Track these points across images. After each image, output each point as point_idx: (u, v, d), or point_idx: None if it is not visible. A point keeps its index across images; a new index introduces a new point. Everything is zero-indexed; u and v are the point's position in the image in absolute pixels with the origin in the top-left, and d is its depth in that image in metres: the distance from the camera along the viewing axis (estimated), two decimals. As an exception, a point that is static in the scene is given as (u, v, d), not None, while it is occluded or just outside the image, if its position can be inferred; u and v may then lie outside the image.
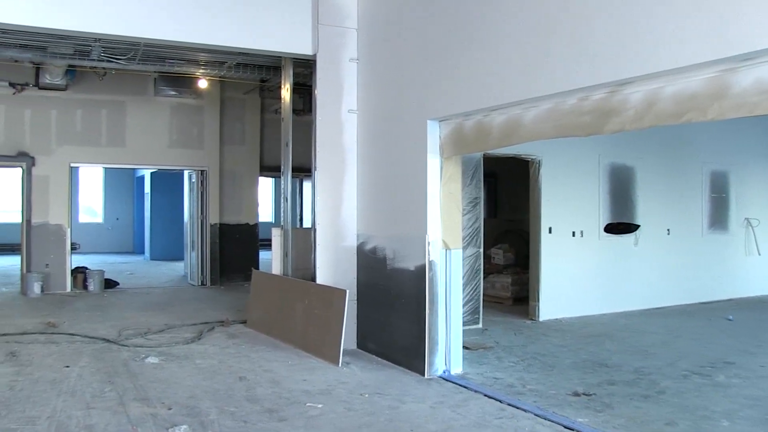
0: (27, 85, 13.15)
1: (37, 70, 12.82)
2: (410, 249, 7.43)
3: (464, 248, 8.55)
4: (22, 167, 13.37)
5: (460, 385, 6.76)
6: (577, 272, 10.69)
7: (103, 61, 10.65)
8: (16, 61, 11.99)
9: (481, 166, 9.76)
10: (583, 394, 6.46)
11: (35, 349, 8.24)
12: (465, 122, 6.86)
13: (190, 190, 15.31)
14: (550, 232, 10.41)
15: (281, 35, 8.72)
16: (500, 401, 6.19)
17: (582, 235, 10.78)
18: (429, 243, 7.13)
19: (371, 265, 8.29)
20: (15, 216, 16.96)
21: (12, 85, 13.10)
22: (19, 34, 9.43)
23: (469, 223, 9.52)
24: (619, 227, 11.32)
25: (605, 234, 11.11)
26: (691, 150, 12.11)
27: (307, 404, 6.12)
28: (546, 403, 6.17)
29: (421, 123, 7.27)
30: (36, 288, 12.83)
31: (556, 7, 5.50)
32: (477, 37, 6.47)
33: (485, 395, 6.39)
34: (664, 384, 6.87)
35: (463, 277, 8.28)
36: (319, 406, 6.08)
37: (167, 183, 19.83)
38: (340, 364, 7.52)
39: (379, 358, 7.94)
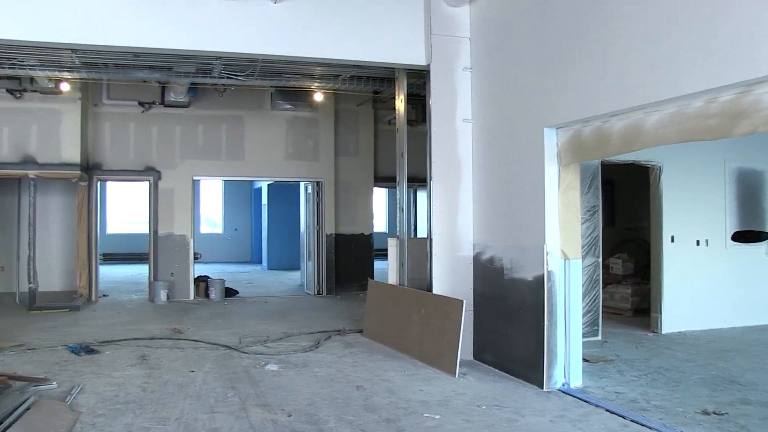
0: (153, 103, 13.88)
1: (163, 89, 13.51)
2: (528, 259, 7.31)
3: (582, 258, 8.33)
4: (149, 181, 14.08)
5: (581, 399, 6.57)
6: (703, 283, 10.20)
7: (223, 78, 11.02)
8: (144, 81, 12.65)
9: (598, 173, 9.51)
10: (714, 413, 6.12)
11: (163, 354, 8.62)
12: (583, 129, 6.69)
13: (306, 201, 15.62)
14: (672, 240, 10.01)
15: (395, 47, 8.81)
16: (623, 417, 5.98)
17: (707, 244, 10.29)
18: (547, 253, 6.99)
19: (488, 275, 8.21)
20: (143, 227, 17.84)
21: (141, 104, 13.86)
22: (148, 56, 9.94)
23: (587, 232, 9.28)
24: (748, 235, 10.73)
25: (733, 242, 10.56)
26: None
27: (425, 415, 6.11)
28: (673, 421, 5.91)
29: (538, 131, 7.15)
30: (162, 295, 13.44)
31: (680, 5, 5.29)
32: (594, 41, 6.30)
33: (607, 410, 6.19)
34: (804, 404, 6.44)
35: (582, 288, 8.07)
36: (437, 417, 6.06)
37: (284, 194, 20.34)
38: (456, 375, 7.47)
39: (496, 370, 7.84)
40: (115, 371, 7.65)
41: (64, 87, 12.30)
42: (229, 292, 14.53)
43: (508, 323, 7.72)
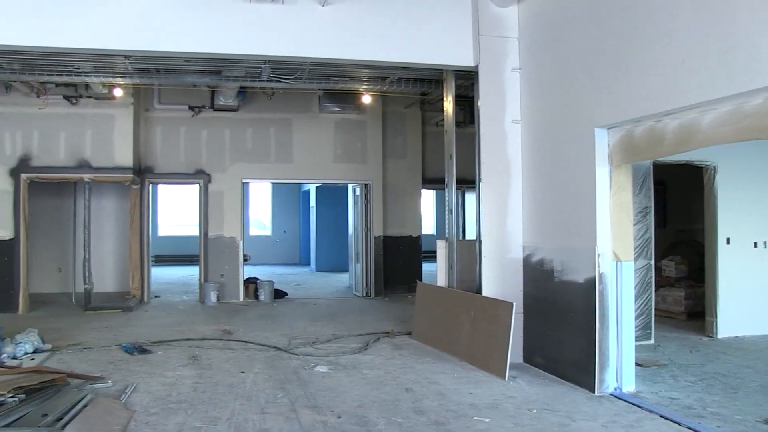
0: (203, 107, 14.08)
1: (212, 93, 13.71)
2: (579, 261, 7.21)
3: (634, 260, 8.18)
4: (199, 184, 14.28)
5: (634, 404, 6.45)
6: (761, 286, 9.90)
7: (272, 81, 11.11)
8: (194, 85, 12.84)
9: (650, 173, 9.33)
10: (775, 421, 5.94)
11: (214, 354, 8.72)
12: (635, 129, 6.58)
13: (355, 203, 15.66)
14: (728, 242, 9.75)
15: (442, 48, 8.81)
16: (678, 423, 5.84)
17: (765, 246, 10.02)
18: (599, 255, 6.89)
19: (538, 278, 8.13)
20: (193, 229, 18.10)
21: (191, 108, 14.08)
22: (198, 61, 10.08)
23: (639, 233, 9.11)
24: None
25: (794, 244, 10.25)
26: None
27: (474, 418, 6.07)
28: (732, 429, 5.75)
29: (589, 131, 7.05)
30: (212, 297, 13.60)
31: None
32: (647, 38, 6.19)
33: (661, 416, 6.06)
34: None
35: (634, 290, 7.91)
36: (487, 420, 6.01)
37: (332, 196, 20.44)
38: (506, 378, 7.41)
39: (546, 373, 7.75)
40: (167, 371, 7.78)
41: (117, 92, 12.55)
42: (278, 294, 14.64)
43: (558, 326, 7.63)
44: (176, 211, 24.99)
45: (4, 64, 9.87)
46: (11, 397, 5.81)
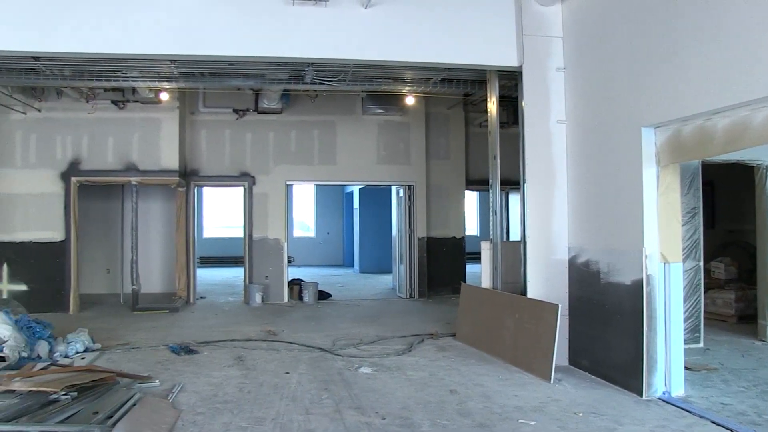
0: (247, 110, 14.22)
1: (256, 95, 13.83)
2: (626, 262, 7.10)
3: (683, 262, 8.03)
4: (243, 186, 14.42)
5: (683, 409, 6.31)
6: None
7: (315, 83, 11.16)
8: (239, 89, 12.97)
9: (699, 173, 9.14)
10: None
11: (258, 355, 8.79)
12: (683, 128, 6.46)
13: (398, 204, 15.65)
14: (780, 243, 9.52)
15: (486, 48, 8.75)
16: (731, 430, 5.70)
17: (819, 247, 9.74)
18: (646, 256, 6.77)
19: (583, 279, 8.02)
20: (237, 231, 18.29)
21: (235, 111, 14.24)
22: (242, 64, 10.18)
23: (687, 234, 8.94)
24: None
25: None
26: None
27: (520, 421, 6.02)
28: (790, 436, 5.60)
29: (635, 130, 6.94)
30: (257, 298, 13.73)
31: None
32: (695, 35, 6.06)
33: (713, 422, 5.91)
34: None
35: (682, 293, 7.77)
36: (532, 423, 5.96)
37: (375, 198, 20.46)
38: (551, 381, 7.33)
39: (593, 376, 7.64)
40: (213, 371, 7.86)
41: (164, 96, 12.76)
42: (322, 295, 14.71)
43: (604, 328, 7.52)
44: (221, 213, 25.27)
45: (55, 70, 10.10)
46: (64, 394, 5.94)
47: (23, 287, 12.81)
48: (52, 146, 13.12)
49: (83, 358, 8.47)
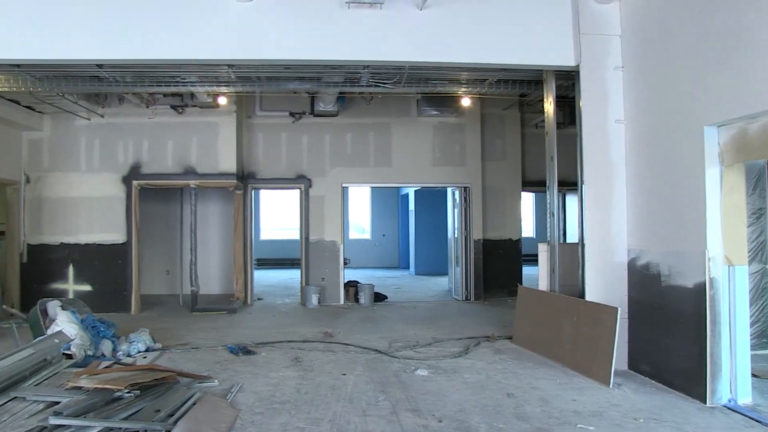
0: (304, 113, 14.35)
1: (312, 99, 13.93)
2: (688, 265, 6.93)
3: (748, 264, 7.79)
4: (300, 189, 14.54)
5: (751, 418, 6.12)
6: None
7: (371, 86, 11.17)
8: (295, 92, 13.10)
9: (765, 173, 8.86)
10: None
11: (315, 356, 8.85)
12: (749, 126, 6.28)
13: (454, 206, 15.58)
14: None
15: (542, 48, 8.66)
16: (803, 441, 5.52)
17: None
18: (709, 259, 6.60)
19: (643, 282, 7.86)
20: (293, 233, 18.45)
21: (291, 114, 14.37)
22: (298, 68, 10.26)
23: (752, 236, 8.67)
24: None
25: None
26: None
27: (578, 426, 5.94)
28: None
29: (697, 129, 6.77)
30: (314, 300, 13.83)
31: None
32: (761, 31, 5.89)
33: (783, 431, 5.73)
34: None
35: (748, 296, 7.54)
36: (591, 428, 5.87)
37: (430, 200, 20.42)
38: (611, 385, 7.21)
39: (653, 381, 7.48)
40: (271, 372, 7.95)
41: (221, 101, 12.96)
42: (378, 297, 14.73)
43: (666, 332, 7.36)
44: (277, 215, 25.53)
45: (117, 77, 10.34)
46: (128, 392, 6.08)
47: (87, 288, 13.17)
48: (114, 151, 13.46)
49: (145, 357, 8.67)
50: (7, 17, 8.08)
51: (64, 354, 7.95)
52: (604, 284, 8.23)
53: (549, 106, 9.36)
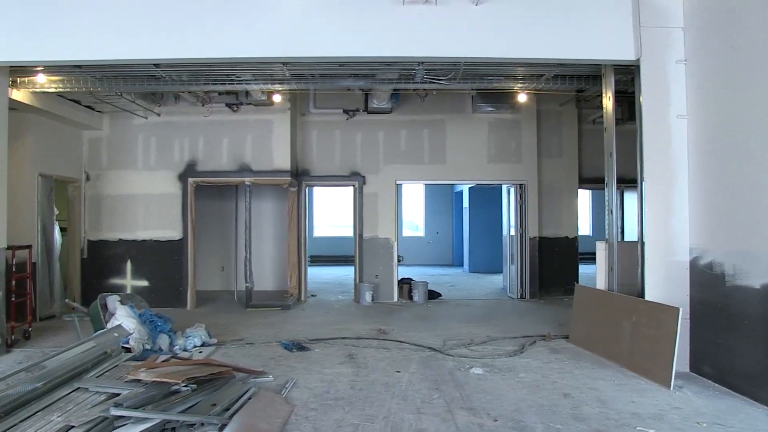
0: (357, 110, 14.35)
1: (366, 96, 13.92)
2: (755, 265, 6.68)
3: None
4: (354, 186, 14.56)
5: (826, 426, 5.88)
6: None
7: (425, 82, 11.08)
8: (349, 89, 13.10)
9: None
10: None
11: (369, 353, 8.84)
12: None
13: (509, 203, 15.41)
14: None
15: (601, 42, 8.48)
16: None
17: None
18: (778, 258, 6.37)
19: (706, 282, 7.62)
20: (346, 230, 18.48)
21: (345, 111, 14.39)
22: (353, 65, 10.26)
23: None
24: None
25: None
26: None
27: (638, 428, 5.79)
28: None
29: (766, 124, 6.52)
30: (367, 297, 13.83)
31: None
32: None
33: None
34: None
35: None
36: (651, 431, 5.70)
37: (485, 197, 20.24)
38: (671, 388, 7.01)
39: (716, 384, 7.24)
40: (325, 368, 7.96)
41: (276, 98, 13.04)
42: (432, 295, 14.65)
43: (730, 334, 7.11)
44: (331, 212, 25.65)
45: (174, 76, 10.49)
46: (185, 386, 6.15)
47: (145, 283, 13.43)
48: (170, 149, 13.69)
49: (201, 352, 8.78)
50: (69, 20, 8.31)
51: (123, 347, 8.11)
52: (665, 283, 8.02)
53: (608, 102, 9.16)
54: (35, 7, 8.32)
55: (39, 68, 9.93)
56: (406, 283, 14.68)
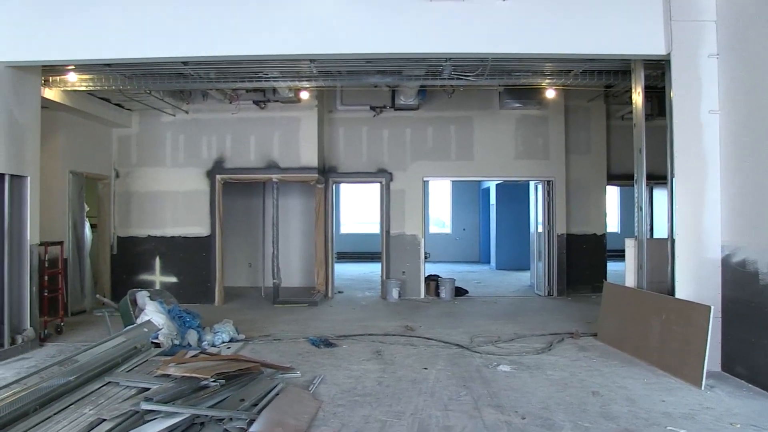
0: (384, 107, 14.34)
1: (393, 92, 13.90)
2: (788, 262, 6.58)
3: None
4: (381, 182, 14.55)
5: None
6: None
7: (452, 79, 11.03)
8: (376, 86, 13.10)
9: None
10: None
11: (396, 350, 8.85)
12: None
13: (536, 200, 15.32)
14: None
15: (630, 37, 8.38)
16: None
17: None
18: (812, 256, 6.25)
19: (739, 280, 7.50)
20: (373, 227, 18.48)
21: (372, 108, 14.39)
22: (380, 61, 10.24)
23: None
24: None
25: None
26: None
27: (668, 428, 5.72)
28: None
29: (800, 120, 6.42)
30: (394, 293, 13.83)
31: None
32: None
33: None
34: None
35: None
36: (682, 431, 5.63)
37: (512, 194, 20.12)
38: (702, 387, 6.91)
39: (750, 385, 7.11)
40: (352, 364, 7.97)
41: (303, 95, 13.06)
42: (459, 292, 14.62)
43: (764, 333, 6.98)
44: (358, 209, 25.67)
45: (201, 74, 10.56)
46: (213, 381, 6.21)
47: (173, 279, 13.56)
48: (198, 146, 13.80)
49: (229, 348, 8.83)
50: (99, 20, 8.44)
51: (152, 342, 8.18)
52: (696, 281, 7.91)
53: (637, 97, 9.06)
54: (67, 7, 8.44)
55: (70, 67, 10.04)
56: (433, 280, 14.66)
